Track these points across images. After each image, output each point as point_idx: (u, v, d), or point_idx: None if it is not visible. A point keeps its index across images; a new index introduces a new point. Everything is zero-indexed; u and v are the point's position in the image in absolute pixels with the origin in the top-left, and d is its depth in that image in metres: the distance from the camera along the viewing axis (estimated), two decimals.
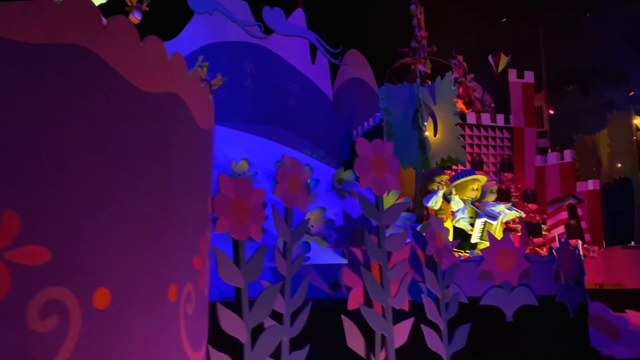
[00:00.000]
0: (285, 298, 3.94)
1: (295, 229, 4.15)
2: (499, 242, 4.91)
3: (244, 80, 11.13)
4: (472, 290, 4.77)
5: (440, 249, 4.48)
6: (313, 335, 4.18)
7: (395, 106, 8.47)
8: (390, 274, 3.91)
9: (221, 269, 3.17)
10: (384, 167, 4.00)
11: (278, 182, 4.09)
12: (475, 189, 6.29)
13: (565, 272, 5.11)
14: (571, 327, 5.11)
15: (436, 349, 4.28)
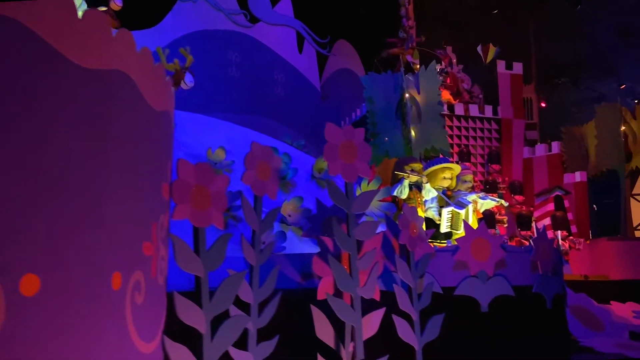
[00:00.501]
0: (253, 288, 3.84)
1: (265, 218, 4.06)
2: (475, 231, 4.82)
3: (228, 69, 10.99)
4: (447, 280, 4.68)
5: (414, 238, 4.38)
6: (284, 325, 4.09)
7: (378, 95, 8.35)
8: (359, 263, 3.81)
9: (179, 257, 3.06)
10: (354, 153, 3.89)
11: (247, 170, 3.99)
12: (447, 178, 6.16)
13: (542, 263, 5.03)
14: (548, 318, 5.03)
15: (408, 340, 4.20)
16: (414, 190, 5.96)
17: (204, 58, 10.55)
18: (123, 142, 2.38)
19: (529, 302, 4.92)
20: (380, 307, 4.10)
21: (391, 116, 8.22)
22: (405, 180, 5.82)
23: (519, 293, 4.85)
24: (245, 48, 11.42)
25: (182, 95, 10.27)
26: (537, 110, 17.93)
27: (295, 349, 4.10)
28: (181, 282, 4.08)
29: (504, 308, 4.76)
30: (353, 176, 3.88)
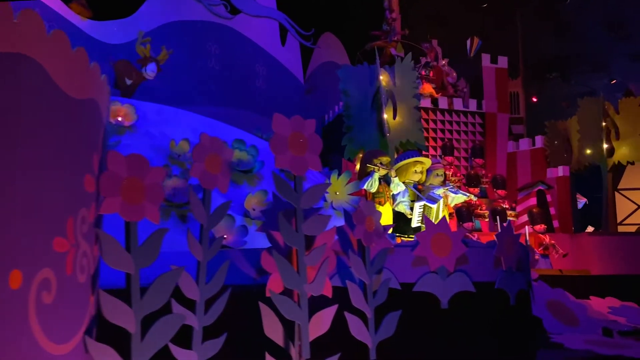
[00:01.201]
0: (199, 284, 3.70)
1: (214, 212, 3.91)
2: (435, 226, 4.68)
3: (207, 60, 10.80)
4: (407, 276, 4.55)
5: (370, 233, 4.24)
6: (234, 323, 3.95)
7: (354, 88, 8.19)
8: (307, 258, 3.67)
9: (105, 252, 2.91)
10: (304, 145, 3.74)
11: (195, 162, 3.84)
12: (418, 172, 6.03)
13: (506, 258, 4.90)
14: (512, 315, 4.90)
15: (361, 338, 4.07)
16: (382, 184, 5.82)
17: (181, 50, 10.37)
18: (26, 130, 2.23)
19: (491, 298, 4.79)
20: (333, 304, 3.97)
21: (367, 109, 8.07)
22: (376, 173, 5.69)
23: (481, 289, 4.71)
24: (226, 40, 11.22)
25: (158, 87, 10.12)
26: (524, 104, 17.77)
27: (245, 348, 3.96)
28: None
29: (465, 305, 4.63)
30: (302, 169, 3.73)
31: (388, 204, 5.77)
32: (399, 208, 5.79)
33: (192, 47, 10.52)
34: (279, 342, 3.78)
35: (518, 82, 17.93)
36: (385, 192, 5.77)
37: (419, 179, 6.06)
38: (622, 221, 17.14)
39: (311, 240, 3.89)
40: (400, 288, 4.45)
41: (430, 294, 4.55)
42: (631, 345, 6.30)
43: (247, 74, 11.83)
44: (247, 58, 11.82)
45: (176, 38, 10.18)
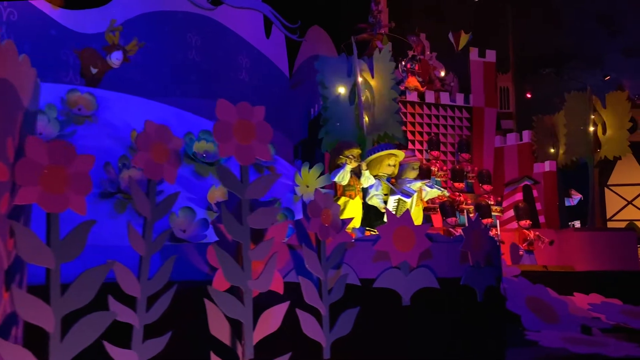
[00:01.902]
0: (141, 280, 3.49)
1: (160, 204, 3.69)
2: (398, 219, 4.46)
3: (188, 52, 10.54)
4: (367, 271, 4.33)
5: (326, 227, 4.03)
6: (183, 321, 3.74)
7: (331, 79, 7.96)
8: (252, 253, 3.45)
9: (21, 246, 2.69)
10: (251, 133, 3.52)
11: (139, 150, 3.62)
12: (391, 165, 5.81)
13: (473, 253, 4.68)
14: (479, 312, 4.69)
15: (314, 336, 3.85)
16: (353, 177, 5.60)
17: (160, 40, 10.12)
18: None
19: (456, 295, 4.58)
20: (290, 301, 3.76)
21: (344, 101, 7.82)
22: (347, 165, 5.48)
23: (446, 285, 4.50)
24: (207, 31, 10.96)
25: (136, 79, 9.88)
26: (514, 99, 17.55)
27: (193, 347, 3.75)
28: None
29: (428, 302, 4.42)
30: (249, 158, 3.51)
31: (358, 197, 5.55)
32: (372, 201, 5.57)
33: (171, 38, 10.26)
34: (226, 341, 3.57)
35: (508, 77, 17.70)
36: (356, 186, 5.55)
37: (392, 172, 5.84)
38: (612, 217, 16.99)
39: (262, 234, 3.68)
40: (360, 284, 4.24)
41: (391, 291, 4.34)
42: (608, 343, 6.11)
43: (229, 66, 11.56)
44: (230, 50, 11.55)
45: (155, 28, 9.92)
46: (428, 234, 4.54)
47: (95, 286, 2.96)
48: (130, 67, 9.45)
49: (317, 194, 3.99)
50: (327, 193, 4.04)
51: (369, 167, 5.82)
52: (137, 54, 9.65)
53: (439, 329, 4.46)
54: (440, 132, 13.12)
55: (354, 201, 5.51)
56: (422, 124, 13.02)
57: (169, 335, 3.55)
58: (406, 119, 12.80)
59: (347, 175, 5.45)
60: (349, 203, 5.49)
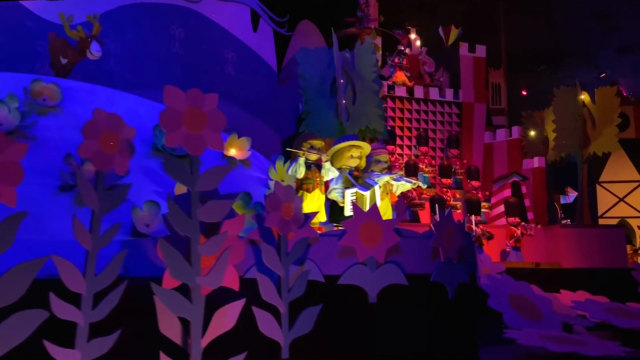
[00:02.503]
0: (86, 276, 3.30)
1: (110, 196, 3.50)
2: (365, 214, 4.28)
3: (171, 44, 10.33)
4: (332, 267, 4.15)
5: (287, 221, 3.84)
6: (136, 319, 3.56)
7: (312, 72, 7.75)
8: (202, 248, 3.26)
9: None
10: (202, 121, 3.33)
11: (86, 139, 3.43)
12: (355, 157, 5.58)
13: (445, 249, 4.50)
14: (451, 310, 4.51)
15: (271, 335, 3.67)
16: (313, 169, 5.39)
17: (143, 32, 9.93)
18: None
19: (426, 292, 4.40)
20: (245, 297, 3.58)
21: (325, 94, 7.63)
22: (301, 158, 5.26)
23: (415, 282, 4.32)
24: (191, 24, 10.75)
25: (117, 71, 9.67)
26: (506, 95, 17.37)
27: (142, 346, 3.57)
28: None
29: (396, 299, 4.23)
30: (200, 148, 3.32)
31: (318, 190, 5.34)
32: (331, 195, 5.35)
33: (154, 30, 10.06)
34: (176, 340, 3.39)
35: (500, 73, 17.49)
36: (315, 179, 5.34)
37: (357, 165, 5.60)
38: (604, 214, 16.82)
39: (216, 228, 3.49)
40: (324, 281, 4.05)
41: (357, 287, 4.15)
42: (589, 342, 5.93)
43: (214, 59, 11.36)
44: (215, 43, 11.35)
45: (136, 20, 9.73)
46: (397, 228, 4.35)
47: (25, 283, 2.77)
48: (109, 58, 9.28)
49: (277, 186, 3.80)
50: (288, 186, 3.85)
51: (333, 159, 5.61)
52: (116, 46, 9.47)
53: (408, 327, 4.27)
54: (429, 128, 12.95)
55: (313, 195, 5.30)
56: (410, 120, 12.85)
57: (118, 335, 3.38)
58: (395, 114, 12.64)
59: (301, 168, 5.24)
60: (306, 197, 5.27)
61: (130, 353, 3.53)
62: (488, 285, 7.71)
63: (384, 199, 5.56)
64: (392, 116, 12.60)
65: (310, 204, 5.27)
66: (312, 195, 5.28)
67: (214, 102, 3.39)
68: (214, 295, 3.50)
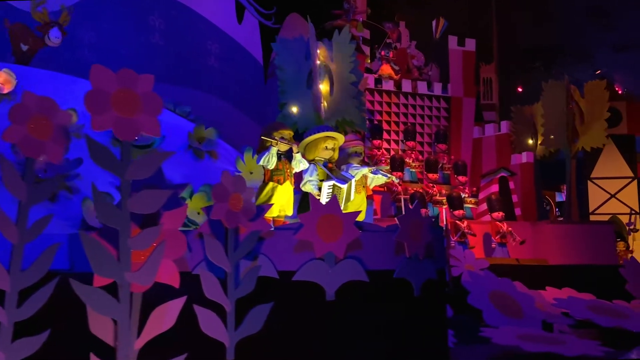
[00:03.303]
0: (11, 272, 3.04)
1: (40, 186, 3.22)
2: (323, 206, 4.01)
3: (150, 35, 10.03)
4: (288, 263, 3.88)
5: (235, 213, 3.57)
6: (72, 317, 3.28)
7: (288, 62, 7.48)
8: (132, 241, 2.99)
9: None
10: (135, 105, 3.05)
11: (12, 124, 3.15)
12: (329, 148, 5.31)
13: (410, 244, 4.22)
14: (415, 308, 4.24)
15: (214, 335, 3.40)
16: (283, 160, 5.12)
17: (120, 22, 9.63)
18: None
19: (389, 289, 4.13)
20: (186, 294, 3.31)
21: (302, 85, 7.35)
22: (273, 148, 4.99)
23: (377, 279, 4.05)
24: (172, 15, 10.44)
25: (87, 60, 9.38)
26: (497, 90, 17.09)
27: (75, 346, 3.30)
28: None
29: (356, 296, 3.96)
30: (131, 133, 3.05)
31: (288, 182, 5.07)
32: (305, 188, 5.09)
33: (132, 20, 9.75)
34: (108, 340, 3.12)
35: (492, 68, 17.20)
36: (286, 170, 5.07)
37: (331, 157, 5.33)
38: (594, 210, 16.56)
39: (154, 219, 3.21)
40: (278, 277, 3.78)
41: (314, 284, 3.88)
42: (567, 341, 5.68)
43: (197, 51, 11.05)
44: (197, 35, 11.03)
45: (113, 9, 9.43)
46: (358, 222, 4.08)
47: None
48: (83, 48, 9.01)
49: (225, 176, 3.53)
50: (238, 175, 3.57)
51: (305, 151, 5.34)
52: (91, 36, 9.19)
53: (369, 327, 4.00)
54: (417, 122, 12.67)
55: (283, 187, 5.03)
56: (398, 114, 12.57)
57: (47, 335, 3.12)
58: (382, 109, 12.37)
59: (273, 158, 4.96)
60: (277, 189, 5.01)
61: (62, 354, 3.27)
62: (469, 282, 7.46)
63: (359, 192, 5.31)
64: (379, 110, 12.33)
65: (281, 197, 5.01)
66: (283, 187, 5.02)
67: (149, 84, 3.12)
68: (156, 293, 3.24)
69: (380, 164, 11.53)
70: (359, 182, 5.32)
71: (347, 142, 5.59)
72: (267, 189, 5.03)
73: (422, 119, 12.71)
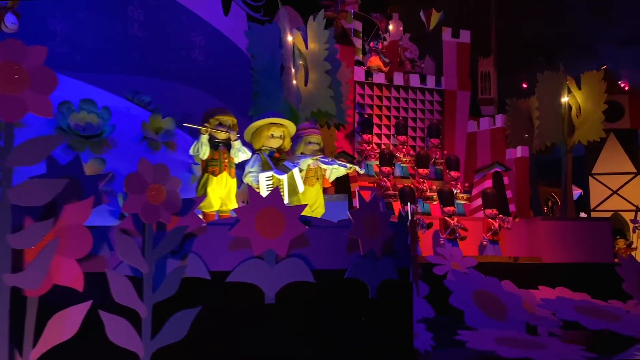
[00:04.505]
0: None
1: None
2: (264, 199, 3.55)
3: (129, 27, 9.58)
4: (223, 263, 3.43)
5: (154, 207, 3.12)
6: None
7: (261, 50, 7.03)
8: (14, 238, 2.56)
9: None
10: (22, 81, 2.62)
11: None
12: (276, 137, 4.81)
13: (365, 240, 3.76)
14: (371, 311, 3.78)
15: (125, 344, 2.96)
16: (221, 149, 4.65)
17: (95, 13, 9.20)
18: None
19: (340, 291, 3.67)
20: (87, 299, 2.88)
21: (275, 74, 6.90)
22: (204, 135, 4.52)
23: (326, 280, 3.59)
24: (152, 6, 10.00)
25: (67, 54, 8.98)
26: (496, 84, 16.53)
27: None
28: None
29: (300, 299, 3.51)
30: (15, 113, 2.61)
31: (225, 174, 4.59)
32: (246, 179, 4.61)
33: (109, 11, 9.32)
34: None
35: (490, 62, 16.63)
36: (223, 160, 4.59)
37: (281, 146, 4.83)
38: (596, 207, 15.98)
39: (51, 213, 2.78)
40: (210, 278, 3.34)
41: (251, 286, 3.44)
42: (547, 345, 5.20)
43: (180, 43, 10.58)
44: (180, 26, 10.57)
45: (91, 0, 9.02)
46: (303, 217, 3.63)
47: None
48: (55, 38, 8.63)
49: (142, 164, 3.08)
50: (160, 164, 3.13)
51: (252, 139, 4.86)
52: (63, 26, 8.83)
53: (314, 333, 3.55)
54: (409, 117, 12.16)
55: (219, 178, 4.56)
56: (389, 108, 12.06)
57: None
58: (372, 102, 11.88)
59: (204, 147, 4.49)
60: (211, 180, 4.54)
61: None
62: (452, 282, 6.99)
63: (313, 185, 4.82)
64: (369, 104, 11.85)
65: (216, 189, 4.55)
66: (219, 178, 4.55)
67: (40, 57, 2.67)
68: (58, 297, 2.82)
69: (370, 159, 11.06)
70: (312, 174, 4.84)
71: (302, 130, 5.11)
72: (202, 181, 4.58)
73: (415, 113, 12.20)
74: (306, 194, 4.73)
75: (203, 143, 4.49)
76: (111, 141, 5.07)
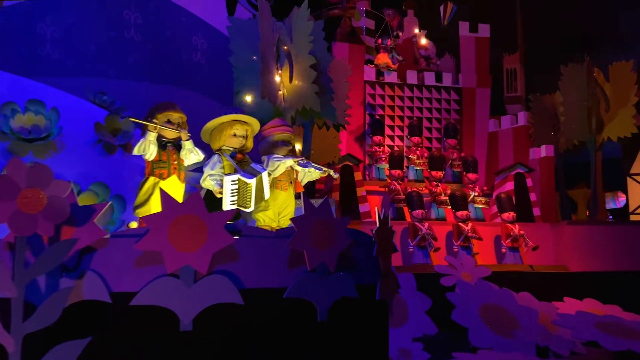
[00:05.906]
0: None
1: None
2: (179, 206, 2.91)
3: (124, 30, 9.18)
4: (127, 282, 2.81)
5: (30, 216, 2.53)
6: None
7: (243, 46, 6.45)
8: None
9: None
10: None
11: None
12: (238, 135, 4.16)
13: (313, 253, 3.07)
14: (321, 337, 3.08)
15: None
16: (169, 149, 4.05)
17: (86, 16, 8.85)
18: None
19: (279, 314, 2.99)
20: None
21: (256, 71, 6.30)
22: (151, 133, 3.92)
23: (260, 300, 2.93)
24: (150, 8, 9.59)
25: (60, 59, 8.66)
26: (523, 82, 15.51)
27: None
28: None
29: (225, 324, 2.85)
30: None
31: (174, 177, 3.97)
32: (205, 184, 3.98)
33: (103, 15, 8.96)
34: None
35: (516, 58, 15.63)
36: (172, 162, 3.99)
37: (242, 146, 4.17)
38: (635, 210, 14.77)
39: None
40: (110, 300, 2.73)
41: (162, 310, 2.80)
42: None
43: (180, 47, 10.14)
44: (181, 29, 10.14)
45: (79, 4, 8.68)
46: (230, 225, 2.97)
47: None
48: (45, 43, 8.37)
49: (13, 164, 2.50)
50: (39, 165, 2.54)
51: (211, 139, 4.24)
52: (54, 31, 8.55)
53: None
54: (424, 117, 11.37)
55: (168, 182, 3.95)
56: (402, 108, 11.33)
57: None
58: (384, 102, 11.18)
59: (150, 146, 3.89)
60: (158, 185, 3.92)
61: None
62: (455, 295, 6.22)
63: (285, 190, 4.15)
64: (380, 104, 11.14)
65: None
66: (167, 182, 3.94)
67: None
68: None
69: (381, 162, 10.34)
70: (285, 177, 4.17)
71: (271, 128, 4.45)
72: (146, 185, 3.97)
73: (430, 113, 11.42)
74: (277, 199, 4.08)
75: (151, 142, 3.90)
76: (59, 144, 4.57)
